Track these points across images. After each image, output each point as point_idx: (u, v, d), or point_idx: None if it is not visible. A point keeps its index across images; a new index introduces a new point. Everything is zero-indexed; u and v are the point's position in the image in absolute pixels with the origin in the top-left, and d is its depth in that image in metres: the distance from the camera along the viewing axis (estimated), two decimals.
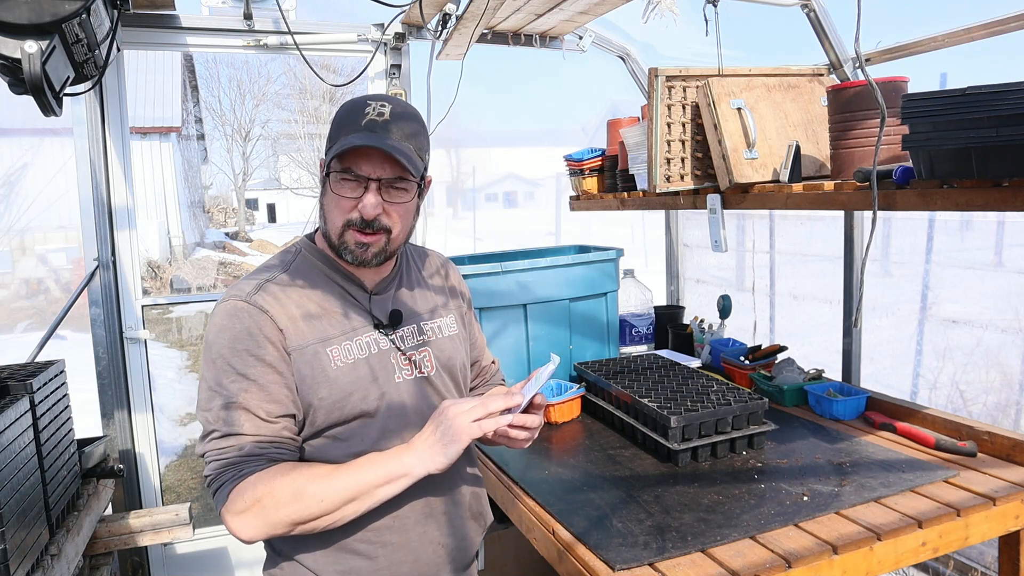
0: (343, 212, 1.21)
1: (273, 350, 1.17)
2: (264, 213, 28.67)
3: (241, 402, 1.14)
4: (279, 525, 1.11)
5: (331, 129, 1.25)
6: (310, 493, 1.10)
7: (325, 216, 1.25)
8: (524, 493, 1.69)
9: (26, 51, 1.36)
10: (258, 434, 1.14)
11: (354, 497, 1.13)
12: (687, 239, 3.45)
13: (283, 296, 1.22)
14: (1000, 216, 4.24)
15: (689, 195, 2.08)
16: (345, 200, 1.20)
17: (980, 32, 1.89)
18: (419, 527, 1.26)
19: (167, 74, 17.28)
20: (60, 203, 12.63)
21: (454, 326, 1.42)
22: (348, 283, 1.29)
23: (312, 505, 1.10)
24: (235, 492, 1.11)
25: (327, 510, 1.12)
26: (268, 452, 1.14)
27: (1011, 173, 1.21)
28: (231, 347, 1.16)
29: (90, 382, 2.44)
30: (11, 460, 1.53)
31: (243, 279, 1.27)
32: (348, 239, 1.22)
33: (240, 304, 1.19)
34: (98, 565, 2.07)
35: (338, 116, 1.24)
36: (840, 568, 1.34)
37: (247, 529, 1.11)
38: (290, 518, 1.10)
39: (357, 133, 1.18)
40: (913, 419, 1.96)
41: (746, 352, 2.44)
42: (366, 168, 1.18)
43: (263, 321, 1.18)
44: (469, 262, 2.47)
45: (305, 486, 1.11)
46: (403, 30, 2.65)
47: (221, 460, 1.13)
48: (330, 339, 1.23)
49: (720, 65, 1.99)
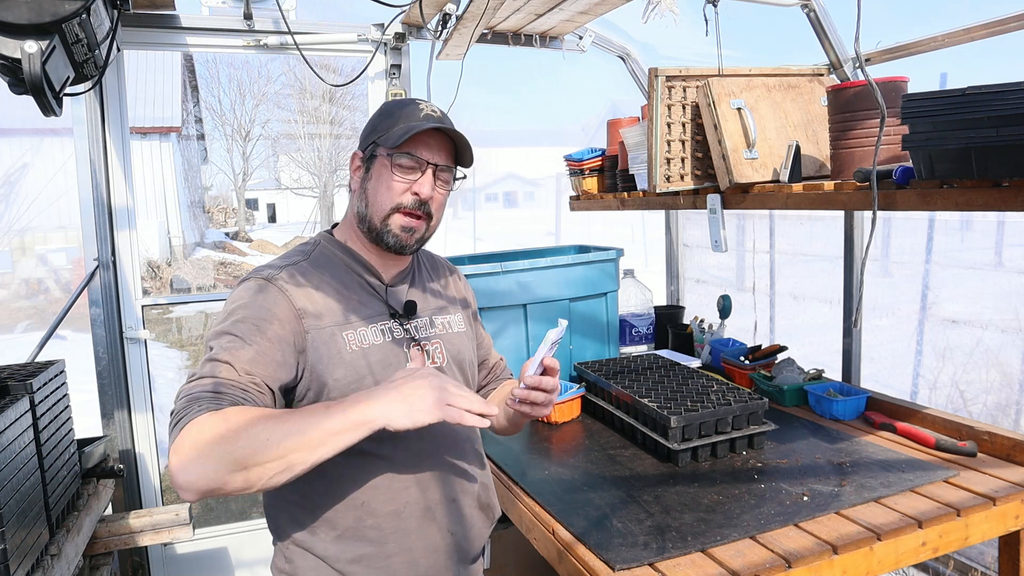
0: (395, 195, 1.26)
1: (279, 328, 1.18)
2: (264, 213, 28.66)
3: (226, 356, 1.12)
4: (221, 465, 0.99)
5: (379, 119, 1.31)
6: (256, 431, 1.01)
7: (369, 199, 1.29)
8: (524, 493, 1.69)
9: (26, 51, 1.36)
10: (231, 380, 1.10)
11: (308, 444, 1.02)
12: (687, 239, 3.45)
13: (304, 280, 1.25)
14: (1000, 216, 4.24)
15: (689, 195, 2.08)
16: (400, 183, 1.26)
17: (980, 32, 1.89)
18: (429, 514, 1.27)
19: (167, 74, 17.27)
20: (60, 203, 12.63)
21: (463, 324, 1.46)
22: (367, 273, 1.33)
23: (258, 445, 1.00)
24: (186, 428, 1.02)
25: (276, 455, 1.00)
26: (232, 394, 1.08)
27: (1011, 173, 1.21)
28: (241, 315, 1.18)
29: (90, 382, 2.44)
30: (11, 460, 1.53)
31: (265, 264, 1.30)
32: (394, 222, 1.27)
33: (262, 282, 1.23)
34: (98, 565, 2.07)
35: (389, 109, 1.31)
36: (840, 568, 1.34)
37: (186, 471, 0.99)
38: (232, 456, 0.99)
39: (419, 121, 1.26)
40: (913, 419, 1.96)
41: (746, 352, 2.44)
42: (426, 153, 1.26)
43: (280, 300, 1.21)
44: (469, 262, 2.47)
45: (254, 423, 1.02)
46: (403, 30, 2.65)
47: (187, 396, 1.07)
48: (348, 323, 1.25)
49: (720, 65, 1.99)
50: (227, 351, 1.13)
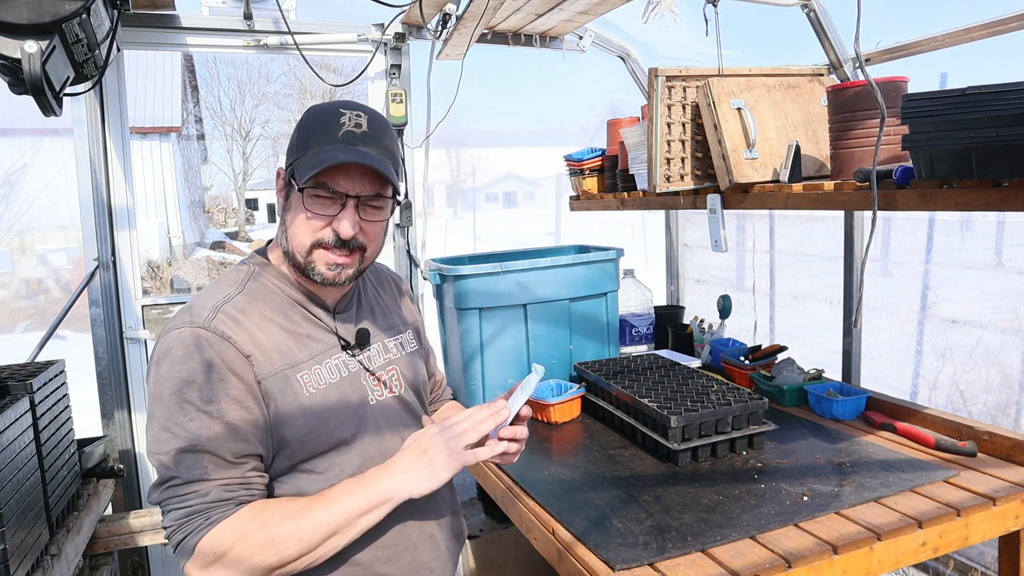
0: (312, 231, 1.11)
1: (238, 383, 1.06)
2: (264, 213, 28.67)
3: (203, 444, 1.02)
4: (255, 572, 1.01)
5: (298, 136, 1.13)
6: (286, 534, 1.01)
7: (289, 234, 1.13)
8: (524, 493, 1.69)
9: (26, 51, 1.37)
10: (225, 477, 1.03)
11: (335, 531, 1.04)
12: (687, 239, 3.45)
13: (243, 319, 1.11)
14: (1000, 216, 4.24)
15: (689, 195, 2.08)
16: (317, 218, 1.10)
17: (980, 32, 1.89)
18: (409, 554, 1.21)
19: (167, 74, 17.27)
20: (60, 203, 12.63)
21: (414, 342, 1.39)
22: (309, 303, 1.20)
23: (290, 546, 1.01)
24: (203, 544, 1.00)
25: (306, 549, 1.02)
26: (237, 495, 1.04)
27: (1011, 173, 1.21)
28: (188, 380, 1.03)
29: (90, 382, 2.44)
30: (11, 460, 1.53)
31: (194, 302, 1.13)
32: (316, 259, 1.12)
33: (198, 331, 1.06)
34: (98, 565, 2.07)
35: (307, 123, 1.13)
36: (840, 568, 1.34)
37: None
38: (266, 564, 1.01)
39: (334, 146, 1.09)
40: (913, 419, 1.96)
41: (746, 352, 2.44)
42: (344, 184, 1.09)
43: (226, 350, 1.06)
44: (469, 262, 2.47)
45: (280, 527, 1.01)
46: (403, 30, 2.65)
47: (183, 509, 1.02)
48: (298, 364, 1.13)
49: (720, 65, 1.99)
50: (199, 436, 1.02)
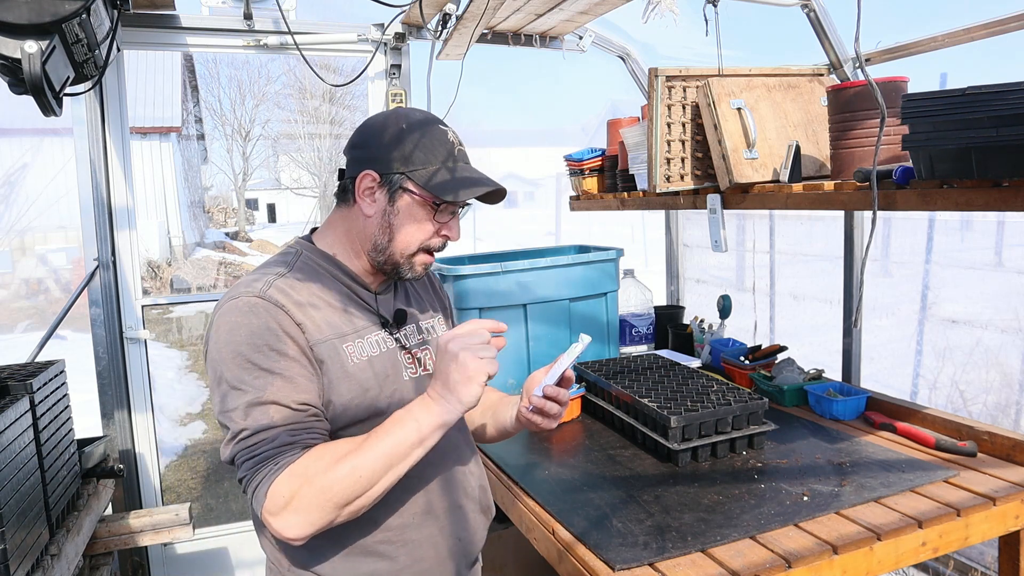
0: (425, 236, 1.24)
1: (293, 344, 1.13)
2: (264, 213, 28.67)
3: (268, 397, 1.09)
4: (324, 513, 1.05)
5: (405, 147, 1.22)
6: (345, 472, 1.05)
7: (395, 235, 1.24)
8: (524, 493, 1.69)
9: (26, 51, 1.37)
10: (290, 423, 1.09)
11: (391, 464, 1.08)
12: (687, 239, 3.45)
13: (295, 294, 1.19)
14: (1000, 216, 4.24)
15: (689, 195, 2.08)
16: (433, 225, 1.24)
17: (980, 32, 1.89)
18: (438, 522, 1.26)
19: (167, 74, 17.27)
20: (60, 203, 12.63)
21: (444, 327, 1.45)
22: (353, 283, 1.28)
23: (350, 484, 1.05)
24: (272, 489, 1.05)
25: (367, 485, 1.07)
26: (301, 439, 1.09)
27: (1011, 173, 1.21)
28: (250, 343, 1.11)
29: (90, 382, 2.44)
30: (11, 460, 1.53)
31: (246, 278, 1.21)
32: (418, 260, 1.26)
33: (254, 300, 1.15)
34: (98, 565, 2.07)
35: (416, 136, 1.23)
36: (840, 568, 1.34)
37: (292, 527, 1.04)
38: (332, 502, 1.05)
39: (457, 164, 1.23)
40: (913, 419, 1.96)
41: (746, 352, 2.44)
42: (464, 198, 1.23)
43: (280, 315, 1.14)
44: (469, 262, 2.47)
45: (339, 466, 1.05)
46: (403, 30, 2.65)
47: (254, 458, 1.07)
48: (344, 335, 1.21)
49: (720, 65, 1.99)
50: (264, 390, 1.09)
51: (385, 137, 1.23)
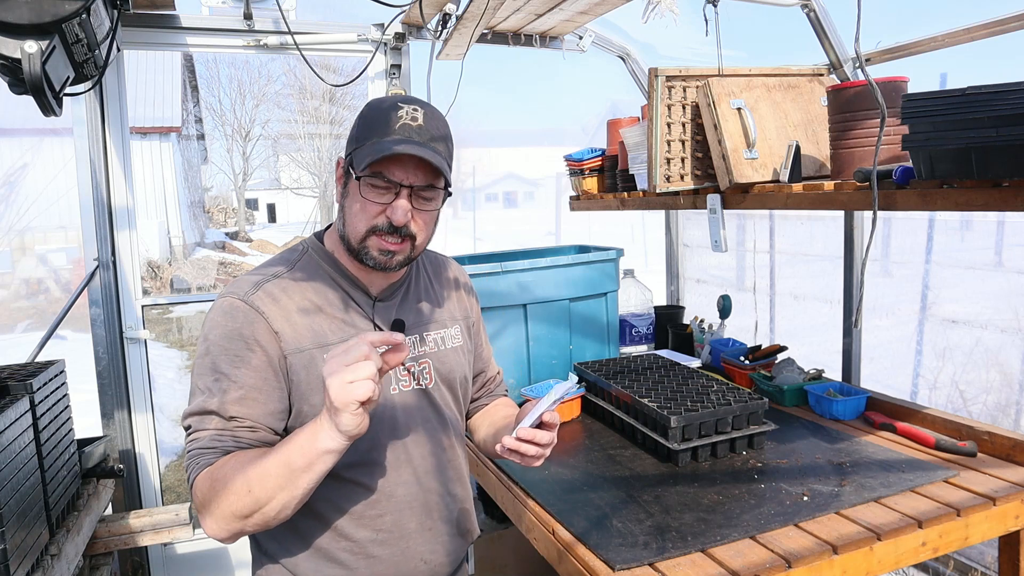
0: (369, 217, 1.18)
1: (261, 355, 1.14)
2: (264, 213, 28.69)
3: (213, 406, 1.12)
4: (229, 521, 1.06)
5: (358, 129, 1.20)
6: (239, 485, 1.04)
7: (346, 219, 1.21)
8: (524, 493, 1.69)
9: (26, 51, 1.37)
10: (220, 429, 1.12)
11: (281, 485, 1.04)
12: (687, 239, 3.46)
13: (283, 297, 1.19)
14: (1000, 216, 4.24)
15: (689, 195, 2.08)
16: (372, 205, 1.17)
17: (980, 32, 1.89)
18: (403, 542, 1.25)
19: (167, 74, 17.27)
20: (60, 203, 12.63)
21: (459, 337, 1.39)
22: (353, 288, 1.26)
23: (243, 497, 1.04)
24: (194, 488, 1.10)
25: (261, 501, 1.04)
26: (223, 444, 1.11)
27: (1011, 173, 1.21)
28: (220, 345, 1.15)
29: (90, 382, 2.44)
30: (11, 460, 1.53)
31: (243, 276, 1.23)
32: (371, 245, 1.19)
33: (236, 302, 1.17)
34: (98, 565, 2.07)
35: (366, 116, 1.20)
36: (840, 568, 1.34)
37: (210, 528, 1.08)
38: (230, 509, 1.05)
39: (390, 137, 1.15)
40: (913, 419, 1.96)
41: (746, 352, 2.44)
42: (399, 174, 1.15)
43: (257, 323, 1.15)
44: (469, 262, 2.47)
45: (236, 478, 1.05)
46: (403, 30, 2.65)
47: (189, 455, 1.12)
48: (328, 345, 1.19)
49: (720, 65, 1.99)
50: (212, 397, 1.12)
51: (354, 124, 1.23)
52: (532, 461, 1.21)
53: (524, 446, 1.17)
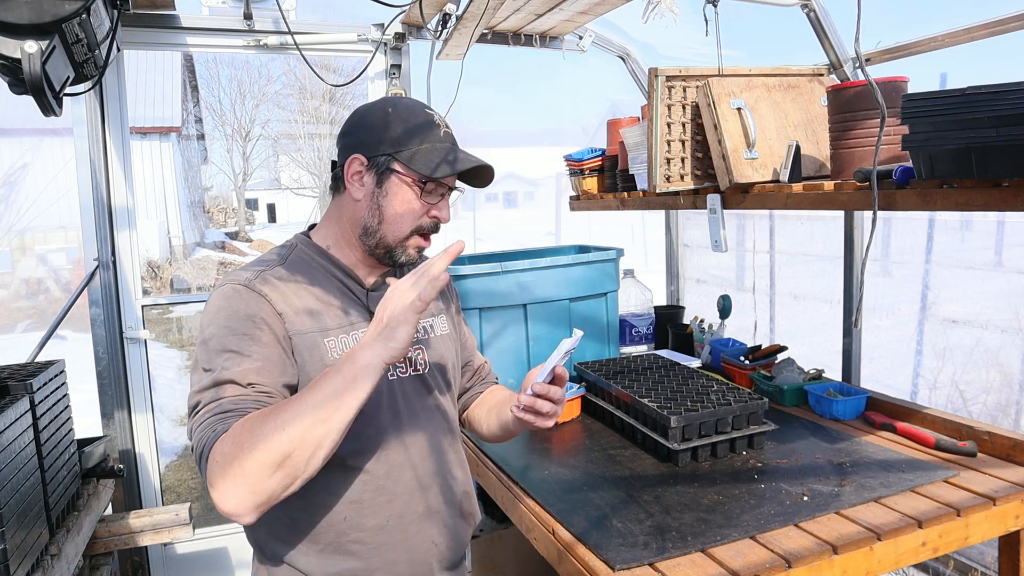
0: (415, 217, 1.24)
1: (269, 332, 1.14)
2: (264, 213, 28.69)
3: (227, 376, 1.08)
4: (252, 477, 0.97)
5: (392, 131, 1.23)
6: (267, 428, 0.98)
7: (385, 217, 1.24)
8: (524, 493, 1.69)
9: (26, 51, 1.37)
10: (238, 396, 1.07)
11: (319, 414, 1.00)
12: (687, 239, 3.45)
13: (282, 286, 1.21)
14: (1000, 216, 4.24)
15: (689, 195, 2.08)
16: (423, 206, 1.24)
17: (980, 32, 1.89)
18: (413, 526, 1.26)
19: (167, 74, 17.28)
20: (60, 203, 12.63)
21: (445, 326, 1.43)
22: (346, 278, 1.29)
23: (274, 439, 0.97)
24: (210, 459, 1.01)
25: (296, 438, 0.98)
26: (240, 408, 1.06)
27: (1011, 173, 1.21)
28: (226, 326, 1.13)
29: (90, 382, 2.44)
30: (11, 460, 1.53)
31: (237, 270, 1.24)
32: (411, 244, 1.26)
33: (237, 287, 1.17)
34: (98, 565, 2.07)
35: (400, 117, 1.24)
36: (840, 568, 1.34)
37: (230, 498, 0.98)
38: (258, 462, 0.97)
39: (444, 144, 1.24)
40: (913, 419, 1.96)
41: (746, 352, 2.44)
42: (451, 179, 1.25)
43: (261, 304, 1.16)
44: (469, 262, 2.47)
45: (260, 422, 0.99)
46: (403, 30, 2.65)
47: (199, 428, 1.05)
48: (328, 331, 1.21)
49: (720, 65, 1.99)
50: (227, 369, 1.09)
51: (373, 122, 1.25)
52: (546, 420, 1.25)
53: (539, 402, 1.22)
